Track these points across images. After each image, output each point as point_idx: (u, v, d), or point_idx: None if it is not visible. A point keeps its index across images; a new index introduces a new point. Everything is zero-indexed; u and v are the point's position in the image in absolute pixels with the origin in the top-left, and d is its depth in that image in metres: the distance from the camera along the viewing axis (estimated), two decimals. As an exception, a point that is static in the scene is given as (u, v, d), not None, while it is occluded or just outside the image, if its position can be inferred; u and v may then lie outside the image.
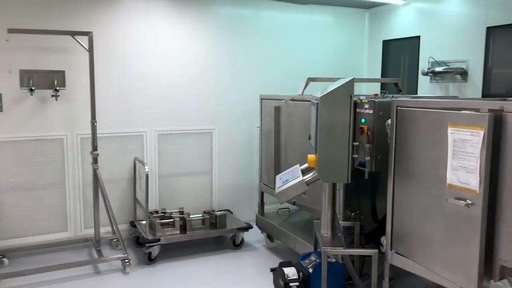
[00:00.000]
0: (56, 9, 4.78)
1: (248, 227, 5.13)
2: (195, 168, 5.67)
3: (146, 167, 4.64)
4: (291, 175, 3.40)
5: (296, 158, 4.39)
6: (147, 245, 4.65)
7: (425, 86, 5.57)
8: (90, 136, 4.69)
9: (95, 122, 4.64)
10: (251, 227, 5.15)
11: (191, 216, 5.03)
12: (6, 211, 4.79)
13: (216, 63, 5.64)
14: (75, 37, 4.52)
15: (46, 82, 4.75)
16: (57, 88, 4.74)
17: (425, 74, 5.39)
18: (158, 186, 5.47)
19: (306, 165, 3.36)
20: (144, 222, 4.82)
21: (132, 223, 5.23)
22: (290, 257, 4.31)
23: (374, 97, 3.75)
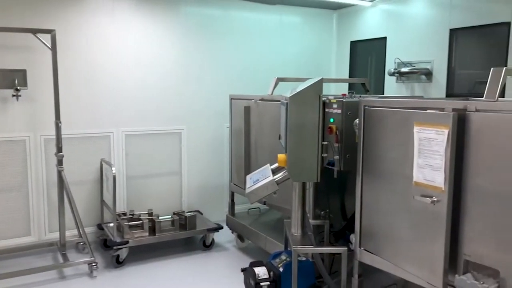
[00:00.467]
0: (17, 6, 4.61)
1: (218, 228, 5.10)
2: (164, 169, 5.59)
3: (113, 169, 4.55)
4: (262, 175, 3.40)
5: (266, 158, 4.40)
6: (115, 247, 4.56)
7: (391, 86, 5.69)
8: (55, 137, 4.55)
9: (60, 122, 4.51)
10: (222, 228, 5.13)
11: (160, 217, 4.96)
12: (-36, 216, 4.61)
13: (184, 63, 5.58)
14: (37, 35, 4.38)
15: (6, 81, 4.56)
16: (18, 87, 4.56)
17: (391, 74, 5.51)
18: (126, 188, 5.37)
19: (276, 164, 3.37)
20: (111, 225, 4.72)
21: (99, 226, 5.11)
22: (261, 256, 4.31)
23: (342, 97, 3.81)
